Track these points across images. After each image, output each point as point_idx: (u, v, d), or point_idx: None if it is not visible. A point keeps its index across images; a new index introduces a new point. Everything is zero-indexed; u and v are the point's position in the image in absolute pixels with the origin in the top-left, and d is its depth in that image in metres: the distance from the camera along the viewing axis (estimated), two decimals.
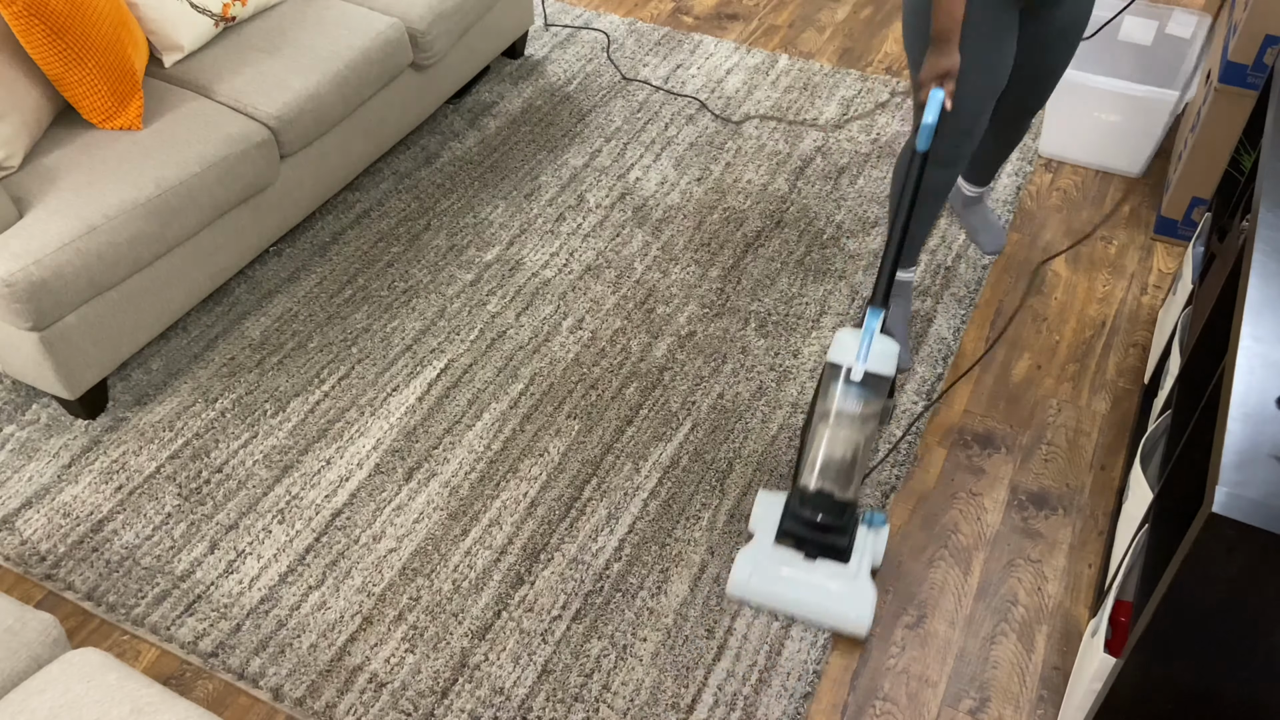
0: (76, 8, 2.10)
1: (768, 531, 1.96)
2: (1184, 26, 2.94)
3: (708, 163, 2.95)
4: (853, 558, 1.92)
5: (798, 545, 1.93)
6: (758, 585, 1.91)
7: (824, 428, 1.88)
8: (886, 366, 1.87)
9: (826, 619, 1.88)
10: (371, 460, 2.19)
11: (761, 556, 1.93)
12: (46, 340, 2.06)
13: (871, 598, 1.88)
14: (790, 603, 1.90)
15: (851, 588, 1.89)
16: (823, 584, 1.89)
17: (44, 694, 1.37)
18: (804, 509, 1.89)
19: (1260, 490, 1.13)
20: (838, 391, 1.88)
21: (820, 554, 1.92)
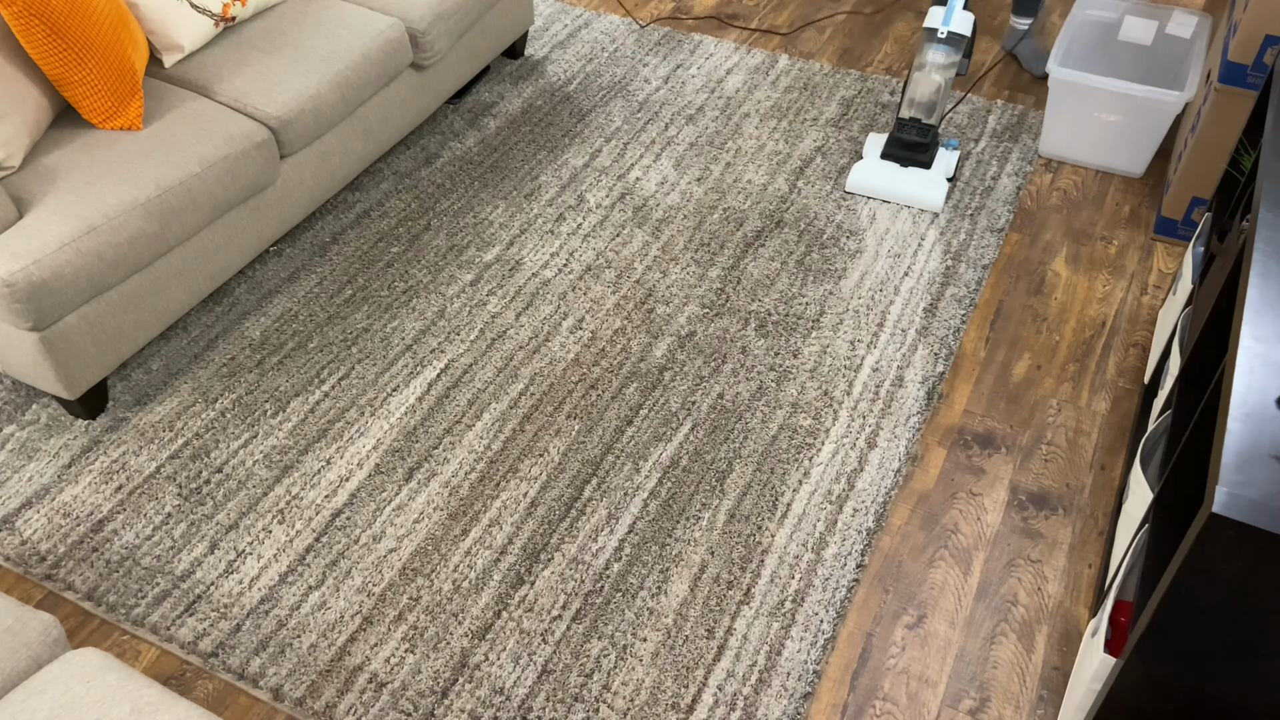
0: (76, 8, 2.10)
1: (875, 151, 2.85)
2: (1184, 26, 2.93)
3: (708, 163, 2.95)
4: (935, 165, 2.78)
5: (897, 159, 2.80)
6: (869, 181, 2.78)
7: (918, 74, 2.68)
8: (964, 28, 2.62)
9: (914, 200, 2.75)
10: (371, 460, 2.19)
11: (872, 165, 2.80)
12: (46, 340, 2.06)
13: (943, 189, 2.74)
14: (891, 191, 2.77)
15: (931, 181, 2.75)
16: (912, 178, 2.76)
17: (44, 694, 1.37)
18: (901, 131, 2.76)
19: (1260, 490, 1.13)
20: (926, 47, 2.64)
21: (910, 163, 2.78)
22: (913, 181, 2.74)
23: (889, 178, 2.76)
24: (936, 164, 2.78)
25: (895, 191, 2.75)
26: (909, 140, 2.75)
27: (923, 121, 2.72)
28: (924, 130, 2.73)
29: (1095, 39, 3.07)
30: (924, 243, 2.69)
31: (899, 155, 2.79)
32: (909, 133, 2.74)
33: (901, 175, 2.76)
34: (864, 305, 2.52)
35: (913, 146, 2.75)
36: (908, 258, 2.65)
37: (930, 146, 2.76)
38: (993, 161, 2.95)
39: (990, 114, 3.13)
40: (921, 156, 2.76)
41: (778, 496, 2.12)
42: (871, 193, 2.77)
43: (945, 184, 2.73)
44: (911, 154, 2.76)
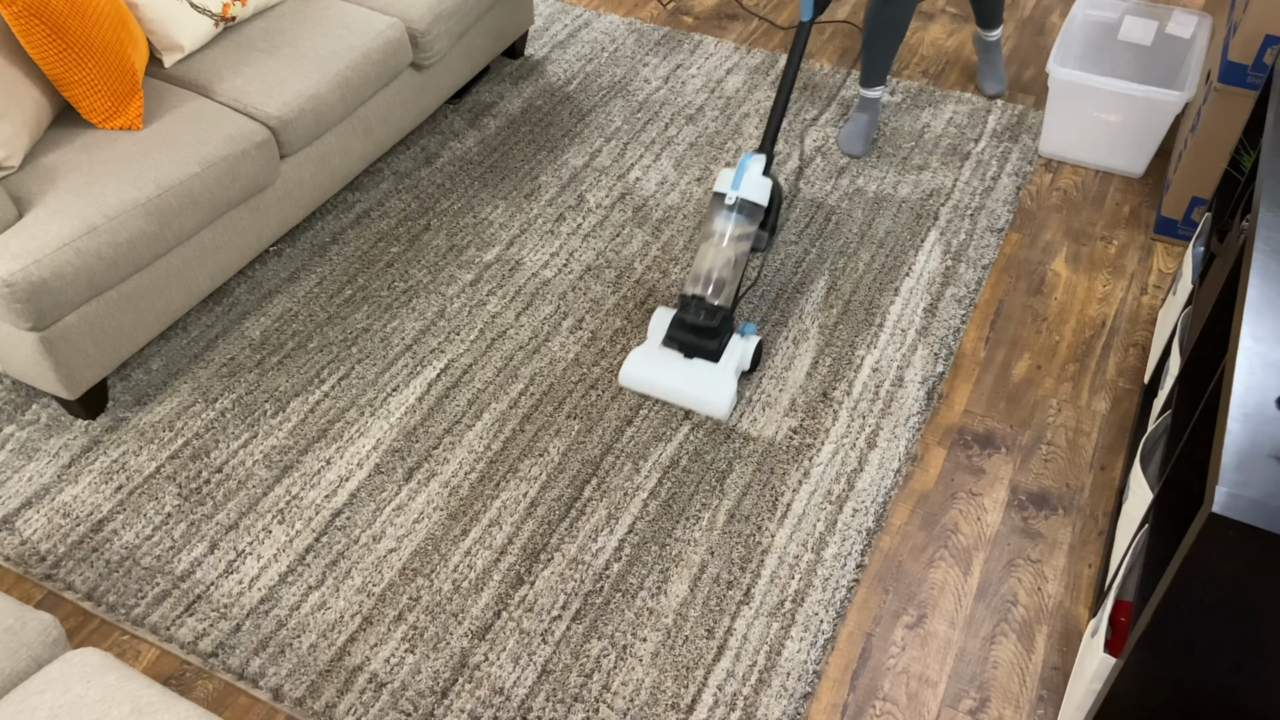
0: (76, 8, 2.10)
1: (657, 337, 2.35)
2: (1184, 26, 2.94)
3: (708, 163, 2.95)
4: (723, 358, 2.29)
5: (679, 346, 2.31)
6: (643, 376, 2.30)
7: (704, 245, 2.29)
8: (759, 196, 2.28)
9: (693, 403, 2.27)
10: (371, 460, 2.19)
11: (649, 354, 2.32)
12: (46, 340, 2.06)
13: (731, 390, 2.25)
14: (667, 390, 2.29)
15: (717, 379, 2.26)
16: (693, 375, 2.28)
17: (44, 694, 1.37)
18: (684, 313, 2.27)
19: (1260, 490, 1.13)
20: (716, 215, 2.29)
21: (695, 354, 2.30)
22: (694, 378, 2.26)
23: (666, 371, 2.28)
24: (727, 355, 2.28)
25: (673, 389, 2.27)
26: (691, 323, 2.26)
27: (708, 300, 2.25)
28: (711, 311, 2.24)
29: (1095, 39, 3.07)
30: (924, 243, 2.69)
31: (682, 341, 2.30)
32: (693, 314, 2.25)
33: (682, 369, 2.28)
34: (862, 303, 2.52)
35: (697, 331, 2.26)
36: (908, 257, 2.65)
37: (718, 332, 2.26)
38: (993, 161, 2.95)
39: (990, 114, 3.13)
40: (708, 344, 2.27)
41: (778, 496, 2.12)
42: (646, 389, 2.30)
43: (733, 380, 2.26)
44: (696, 340, 2.28)
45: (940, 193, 2.85)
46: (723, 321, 2.26)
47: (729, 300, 2.27)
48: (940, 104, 3.17)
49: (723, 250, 2.26)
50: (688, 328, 2.27)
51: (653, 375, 2.29)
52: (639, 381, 2.31)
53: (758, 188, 2.28)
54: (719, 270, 2.25)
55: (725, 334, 2.29)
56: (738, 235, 2.27)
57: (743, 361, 2.30)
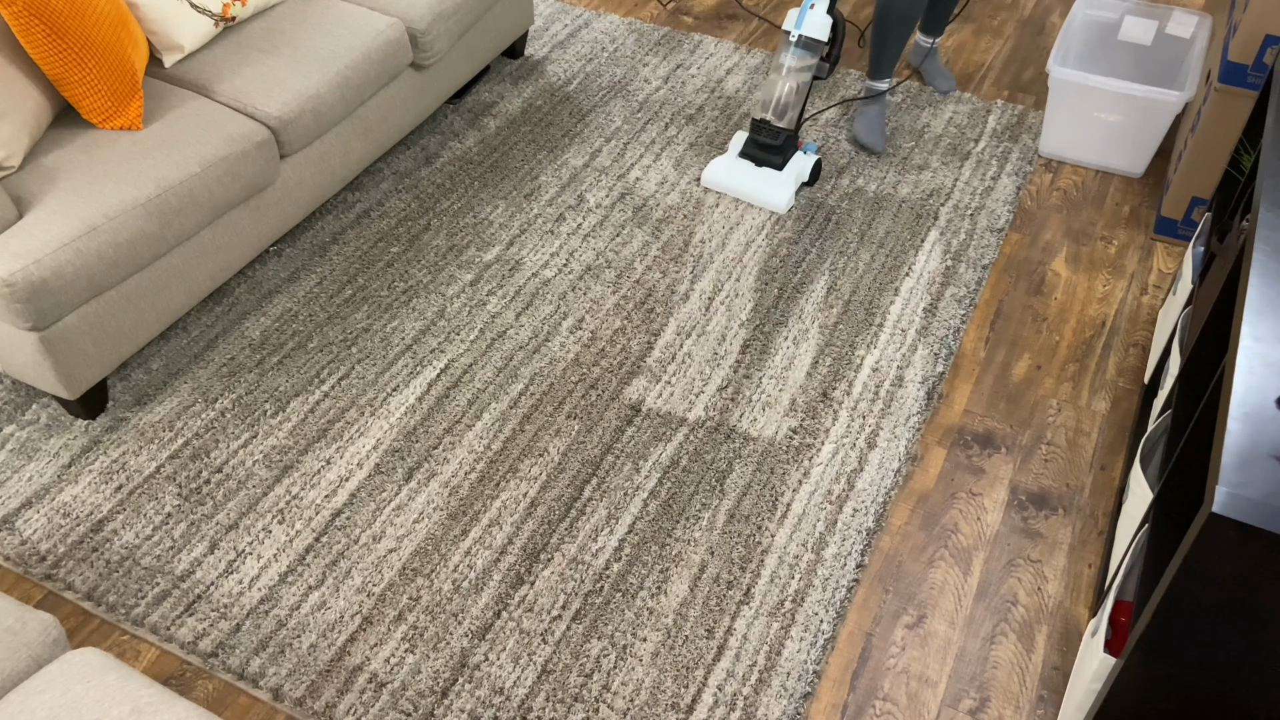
0: (76, 8, 2.10)
1: (735, 149, 2.85)
2: (1184, 26, 2.94)
3: (708, 163, 2.95)
4: (785, 169, 2.77)
5: (751, 158, 2.81)
6: (721, 178, 2.80)
7: (773, 75, 2.70)
8: (819, 33, 2.64)
9: (758, 199, 2.76)
10: (371, 460, 2.19)
11: (728, 161, 2.83)
12: (46, 340, 2.06)
13: (789, 192, 2.74)
14: (738, 189, 2.79)
15: (779, 183, 2.75)
16: (760, 178, 2.77)
17: (44, 694, 1.37)
18: (755, 134, 2.77)
19: (1260, 490, 1.13)
20: (782, 50, 2.68)
21: (764, 164, 2.79)
22: (761, 181, 2.75)
23: (740, 175, 2.78)
24: (789, 166, 2.77)
25: (742, 189, 2.77)
26: (761, 141, 2.76)
27: (773, 124, 2.72)
28: (775, 133, 2.72)
29: (1095, 39, 3.07)
30: (924, 243, 2.69)
31: (753, 155, 2.80)
32: (762, 134, 2.75)
33: (752, 174, 2.77)
34: (862, 303, 2.52)
35: (765, 148, 2.77)
36: (908, 257, 2.65)
37: (783, 149, 2.75)
38: (993, 161, 2.95)
39: (990, 114, 3.13)
40: (774, 158, 2.77)
41: (778, 496, 2.12)
42: (722, 188, 2.80)
43: (792, 186, 2.73)
44: (764, 155, 2.77)
45: (940, 193, 2.85)
46: (786, 140, 2.75)
47: (792, 123, 2.72)
48: (940, 104, 3.17)
49: (786, 80, 2.68)
50: (758, 145, 2.78)
51: (728, 177, 2.79)
52: (717, 182, 2.81)
53: (819, 25, 2.64)
54: (784, 97, 2.69)
55: (789, 149, 2.77)
56: (799, 67, 2.66)
57: (802, 173, 2.78)
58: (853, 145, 3.00)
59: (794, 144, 2.78)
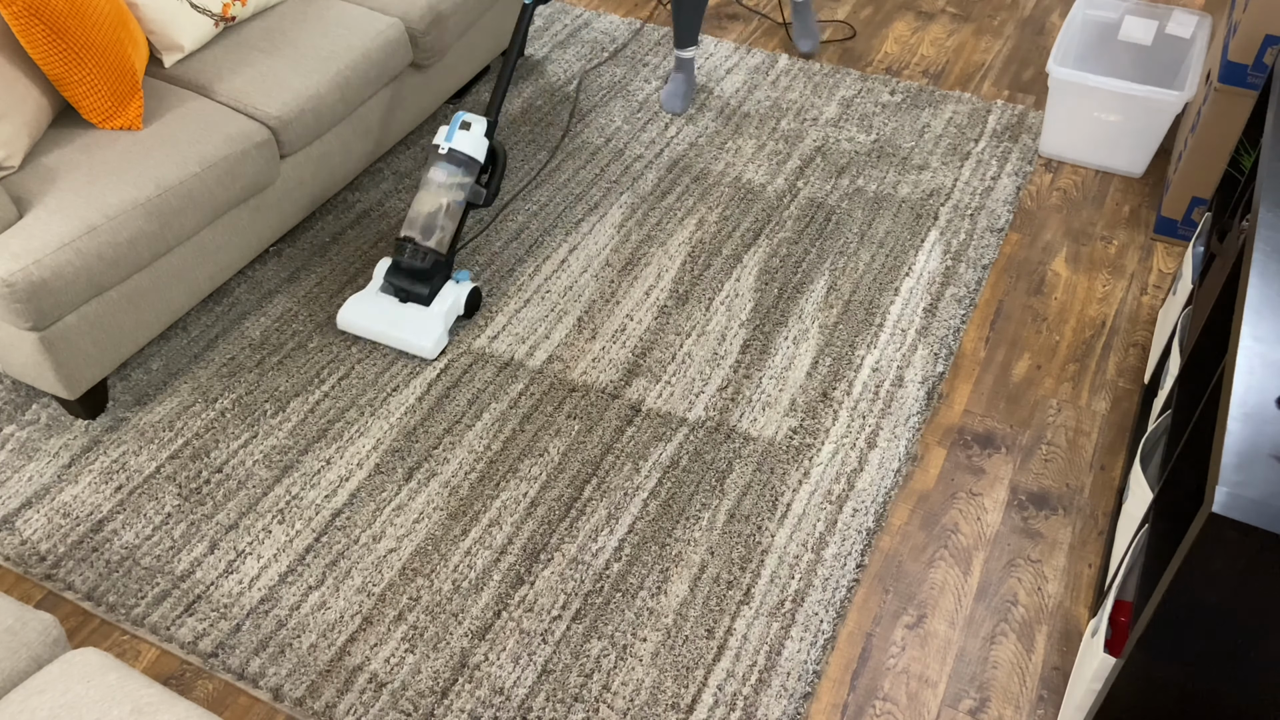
0: (76, 8, 2.10)
1: (376, 283, 2.49)
2: (1184, 26, 2.94)
3: (708, 163, 2.95)
4: (434, 303, 2.42)
5: (395, 291, 2.45)
6: (358, 319, 2.43)
7: (420, 192, 2.43)
8: (473, 150, 2.43)
9: (402, 344, 2.40)
10: (371, 460, 2.19)
11: (366, 298, 2.46)
12: (46, 340, 2.06)
13: (438, 332, 2.38)
14: (378, 332, 2.41)
15: (426, 322, 2.39)
16: (404, 318, 2.40)
17: (44, 694, 1.37)
18: (398, 255, 2.40)
19: (1260, 490, 1.13)
20: (431, 165, 2.43)
21: (409, 298, 2.43)
22: (404, 322, 2.39)
23: (380, 315, 2.41)
24: (438, 300, 2.41)
25: (382, 333, 2.40)
26: (405, 265, 2.39)
27: (419, 242, 2.38)
28: (422, 254, 2.37)
29: (1095, 39, 3.07)
30: (924, 243, 2.69)
31: (397, 285, 2.42)
32: (405, 255, 2.38)
33: (394, 313, 2.41)
34: (862, 303, 2.53)
35: (410, 274, 2.41)
36: (908, 257, 2.65)
37: (429, 275, 2.40)
38: (992, 161, 2.95)
39: (990, 114, 3.13)
40: (419, 288, 2.40)
41: (778, 496, 2.12)
42: (360, 332, 2.42)
43: (443, 324, 2.38)
44: (409, 284, 2.40)
45: (940, 193, 2.85)
46: (434, 265, 2.40)
47: (442, 246, 2.41)
48: (940, 104, 3.17)
49: (435, 197, 2.41)
50: (401, 271, 2.42)
51: (367, 318, 2.43)
52: (353, 325, 2.44)
53: (473, 143, 2.43)
54: (430, 215, 2.40)
55: (438, 278, 2.43)
56: (450, 184, 2.42)
57: (455, 306, 2.44)
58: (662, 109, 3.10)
59: (445, 272, 2.44)
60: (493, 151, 2.49)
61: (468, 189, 2.43)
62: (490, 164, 2.49)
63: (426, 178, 2.43)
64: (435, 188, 2.41)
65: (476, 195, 2.45)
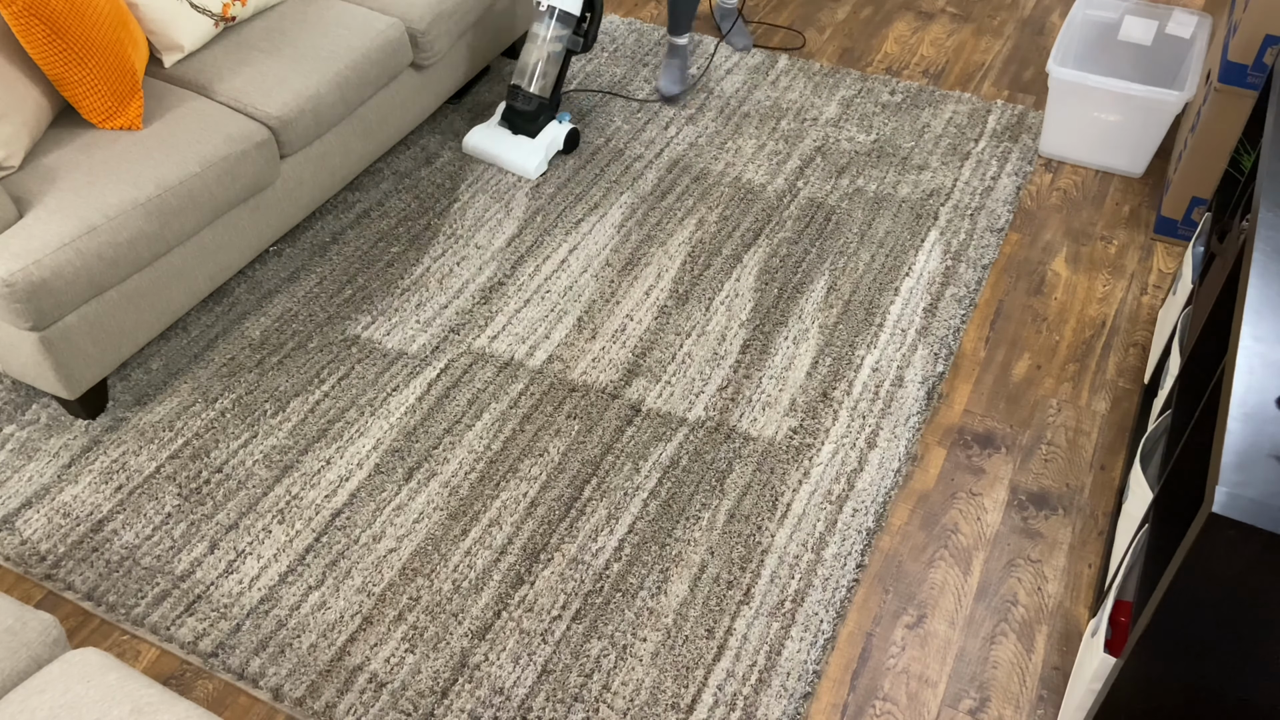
0: (76, 8, 2.10)
1: (496, 117, 2.96)
2: (1184, 26, 2.94)
3: (708, 163, 2.95)
4: (539, 136, 2.88)
5: (508, 124, 2.91)
6: (479, 143, 2.91)
7: (527, 44, 2.82)
8: (570, 5, 2.75)
9: (510, 165, 2.88)
10: (371, 460, 2.19)
11: (487, 128, 2.94)
12: (46, 340, 2.06)
13: (538, 159, 2.84)
14: (493, 154, 2.90)
15: (530, 149, 2.86)
16: (513, 145, 2.88)
17: (44, 694, 1.37)
18: (510, 99, 2.86)
19: (1260, 490, 1.13)
20: (535, 20, 2.79)
21: (519, 130, 2.89)
22: (513, 147, 2.85)
23: (495, 141, 2.89)
24: (543, 135, 2.86)
25: (496, 154, 2.88)
26: (514, 106, 2.84)
27: (525, 89, 2.81)
28: (528, 99, 2.82)
29: (1095, 39, 3.07)
30: (924, 243, 2.69)
31: (510, 121, 2.89)
32: (516, 100, 2.84)
33: (507, 140, 2.87)
34: (862, 303, 2.52)
35: (519, 114, 2.85)
36: (908, 257, 2.65)
37: (535, 115, 2.84)
38: (993, 161, 2.95)
39: (990, 114, 3.13)
40: (527, 124, 2.86)
41: (778, 496, 2.12)
42: (478, 154, 2.91)
43: (543, 154, 2.83)
44: (519, 121, 2.86)
45: (940, 193, 2.85)
46: (539, 107, 2.83)
47: (545, 91, 2.83)
48: (940, 104, 3.17)
49: (539, 48, 2.79)
50: (512, 110, 2.87)
51: (484, 143, 2.90)
52: (475, 148, 2.92)
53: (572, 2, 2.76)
54: (535, 65, 2.80)
55: (543, 118, 2.86)
56: (551, 37, 2.78)
57: (555, 141, 2.89)
58: (656, 97, 3.18)
59: (549, 113, 2.87)
60: (590, 2, 2.80)
61: (565, 39, 2.79)
62: (589, 13, 2.81)
63: (531, 31, 2.80)
64: (539, 40, 2.78)
65: (575, 43, 2.81)
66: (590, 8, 2.82)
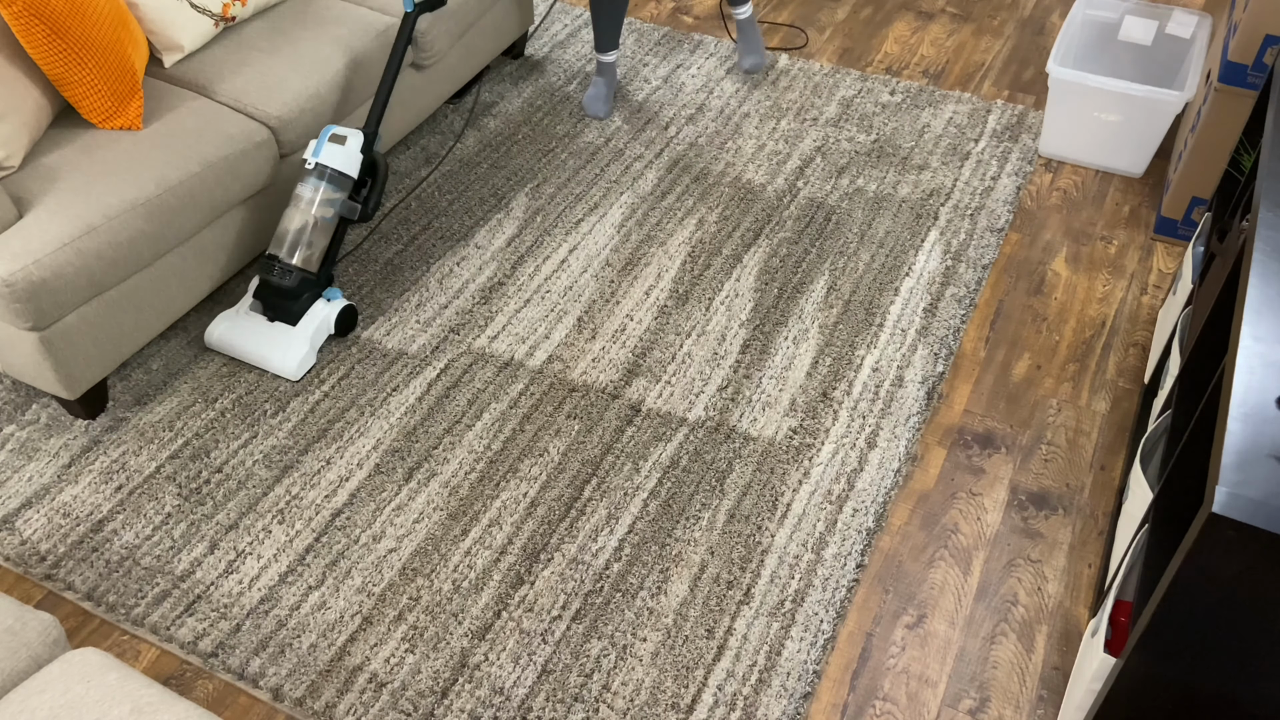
0: (76, 8, 2.10)
1: (247, 300, 2.43)
2: (1184, 26, 2.94)
3: (708, 162, 2.95)
4: (301, 322, 2.35)
5: (264, 308, 2.39)
6: (226, 336, 2.38)
7: (289, 209, 2.35)
8: (345, 166, 2.34)
9: (264, 363, 2.35)
10: (371, 460, 2.19)
11: (235, 316, 2.41)
12: (46, 340, 2.06)
13: (302, 352, 2.33)
14: (242, 351, 2.37)
15: (289, 341, 2.34)
16: (268, 337, 2.35)
17: (44, 694, 1.37)
18: (265, 273, 2.34)
19: (1260, 490, 1.13)
20: (301, 180, 2.35)
21: (277, 316, 2.37)
22: (268, 341, 2.34)
23: (246, 334, 2.36)
24: (306, 319, 2.35)
25: (245, 351, 2.36)
26: (272, 284, 2.33)
27: (283, 260, 2.32)
28: (287, 272, 2.32)
29: (1095, 39, 3.07)
30: (924, 243, 2.69)
31: (266, 303, 2.38)
32: (272, 273, 2.32)
33: (262, 332, 2.36)
34: (862, 303, 2.53)
35: (276, 292, 2.34)
36: (908, 257, 2.65)
37: (296, 295, 2.34)
38: (993, 161, 2.95)
39: (990, 114, 3.13)
40: (287, 306, 2.35)
41: (778, 496, 2.12)
42: (226, 351, 2.39)
43: (307, 345, 2.33)
44: (276, 301, 2.36)
45: (940, 193, 2.85)
46: (301, 284, 2.34)
47: (310, 264, 2.35)
48: (940, 104, 3.17)
49: (302, 213, 2.33)
50: (269, 288, 2.36)
51: (231, 337, 2.38)
52: (220, 343, 2.40)
53: (344, 157, 2.34)
54: (297, 233, 2.33)
55: (305, 297, 2.36)
56: (319, 200, 2.33)
57: (325, 326, 2.39)
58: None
59: (314, 291, 2.38)
60: (372, 164, 2.40)
61: (338, 204, 2.35)
62: (369, 178, 2.40)
63: (295, 193, 2.34)
64: (303, 204, 2.32)
65: (351, 210, 2.37)
66: (372, 172, 2.41)
